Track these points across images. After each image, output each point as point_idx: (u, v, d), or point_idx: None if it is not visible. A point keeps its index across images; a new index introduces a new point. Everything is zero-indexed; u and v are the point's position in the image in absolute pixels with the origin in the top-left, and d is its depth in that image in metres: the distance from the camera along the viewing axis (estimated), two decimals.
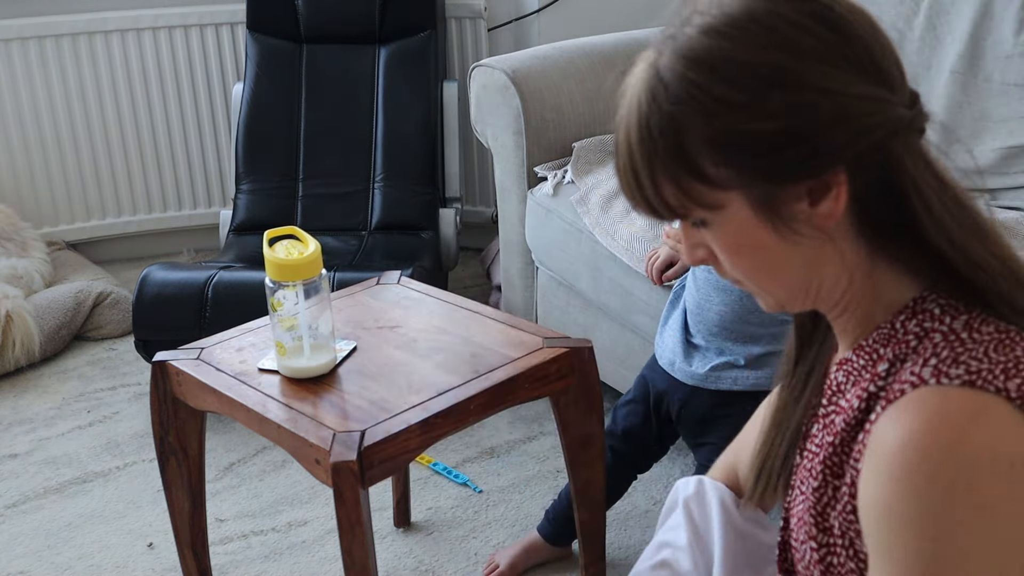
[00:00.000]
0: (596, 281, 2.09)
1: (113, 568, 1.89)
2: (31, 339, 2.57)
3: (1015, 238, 1.73)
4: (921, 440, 0.69)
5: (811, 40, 0.72)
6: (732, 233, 0.78)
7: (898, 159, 0.75)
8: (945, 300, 0.77)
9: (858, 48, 0.74)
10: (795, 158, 0.73)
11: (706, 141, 0.74)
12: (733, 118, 0.72)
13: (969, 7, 2.01)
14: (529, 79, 2.24)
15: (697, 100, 0.73)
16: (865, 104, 0.73)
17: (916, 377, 0.73)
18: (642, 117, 0.75)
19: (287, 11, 2.90)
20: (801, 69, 0.72)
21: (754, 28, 0.72)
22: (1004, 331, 0.75)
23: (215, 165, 3.24)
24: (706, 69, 0.73)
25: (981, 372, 0.72)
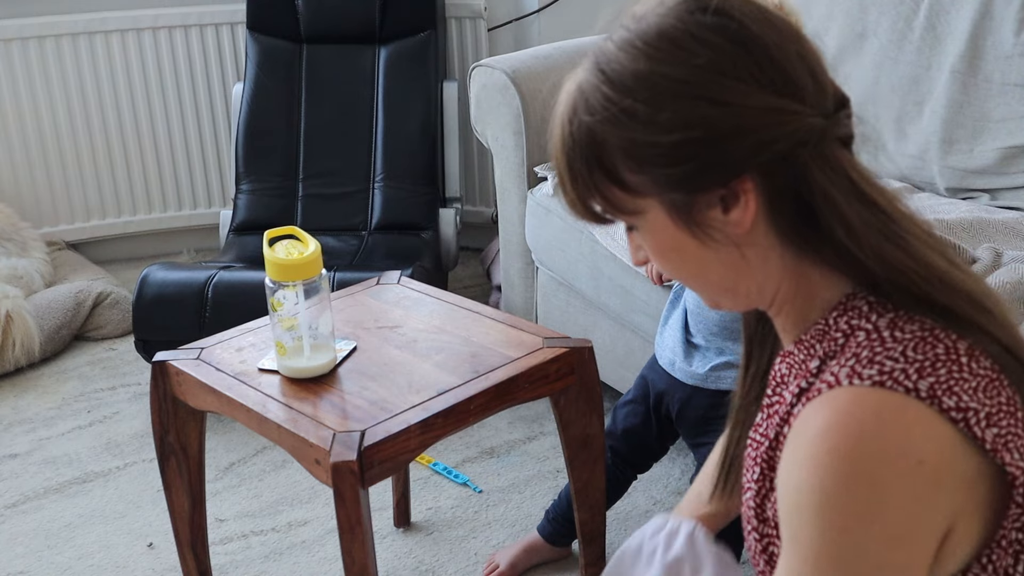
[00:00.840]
0: (596, 281, 2.09)
1: (113, 568, 1.89)
2: (31, 339, 2.57)
3: (1015, 238, 1.73)
4: (829, 435, 0.72)
5: (709, 53, 0.75)
6: (656, 236, 0.82)
7: (805, 168, 0.76)
8: (875, 297, 0.79)
9: (762, 60, 0.76)
10: (697, 168, 0.76)
11: (620, 151, 0.78)
12: (638, 130, 0.76)
13: (969, 7, 2.01)
14: (529, 79, 2.24)
15: (609, 112, 0.77)
16: (766, 116, 0.75)
17: (833, 377, 0.76)
18: (564, 129, 0.80)
19: (287, 11, 2.90)
20: (697, 82, 0.75)
21: (661, 43, 0.76)
22: (928, 329, 0.76)
23: (215, 165, 3.24)
24: (616, 83, 0.77)
25: (893, 372, 0.74)
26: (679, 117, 0.75)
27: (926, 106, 2.06)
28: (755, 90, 0.75)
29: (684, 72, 0.75)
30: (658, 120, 0.76)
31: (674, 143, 0.76)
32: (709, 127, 0.75)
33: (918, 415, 0.72)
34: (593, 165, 0.80)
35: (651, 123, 0.76)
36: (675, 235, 0.80)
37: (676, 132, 0.75)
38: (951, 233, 1.69)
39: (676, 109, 0.75)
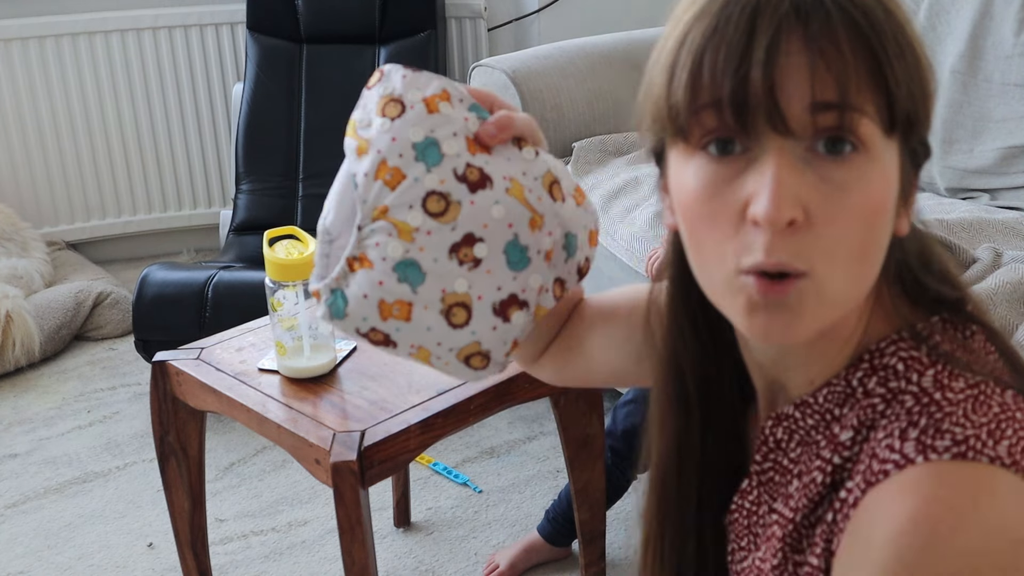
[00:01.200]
0: (596, 281, 2.09)
1: (113, 568, 1.89)
2: (31, 339, 2.57)
3: (1015, 238, 1.73)
4: (920, 529, 0.60)
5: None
6: (875, 186, 0.62)
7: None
8: (906, 352, 0.68)
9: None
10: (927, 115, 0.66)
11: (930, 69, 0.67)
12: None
13: (969, 7, 2.01)
14: (529, 79, 2.24)
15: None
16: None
17: (899, 455, 0.64)
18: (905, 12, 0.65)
19: (287, 11, 2.90)
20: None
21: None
22: (973, 385, 0.66)
23: (215, 165, 3.24)
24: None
25: (968, 440, 0.63)
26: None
27: None
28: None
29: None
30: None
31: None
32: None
33: (1009, 486, 0.62)
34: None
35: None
36: (892, 193, 0.64)
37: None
38: (951, 233, 1.69)
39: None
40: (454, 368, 0.79)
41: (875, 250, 0.64)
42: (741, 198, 0.62)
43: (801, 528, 0.71)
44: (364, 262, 0.75)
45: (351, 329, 0.76)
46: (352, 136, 0.78)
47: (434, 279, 0.74)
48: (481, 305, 0.76)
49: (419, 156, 0.74)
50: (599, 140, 2.27)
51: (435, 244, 0.74)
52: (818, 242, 0.61)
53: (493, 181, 0.76)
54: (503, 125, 0.79)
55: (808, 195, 0.61)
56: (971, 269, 1.59)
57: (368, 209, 0.75)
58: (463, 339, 0.77)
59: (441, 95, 0.78)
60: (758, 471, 0.76)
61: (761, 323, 0.64)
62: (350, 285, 0.75)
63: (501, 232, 0.75)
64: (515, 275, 0.76)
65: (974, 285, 1.54)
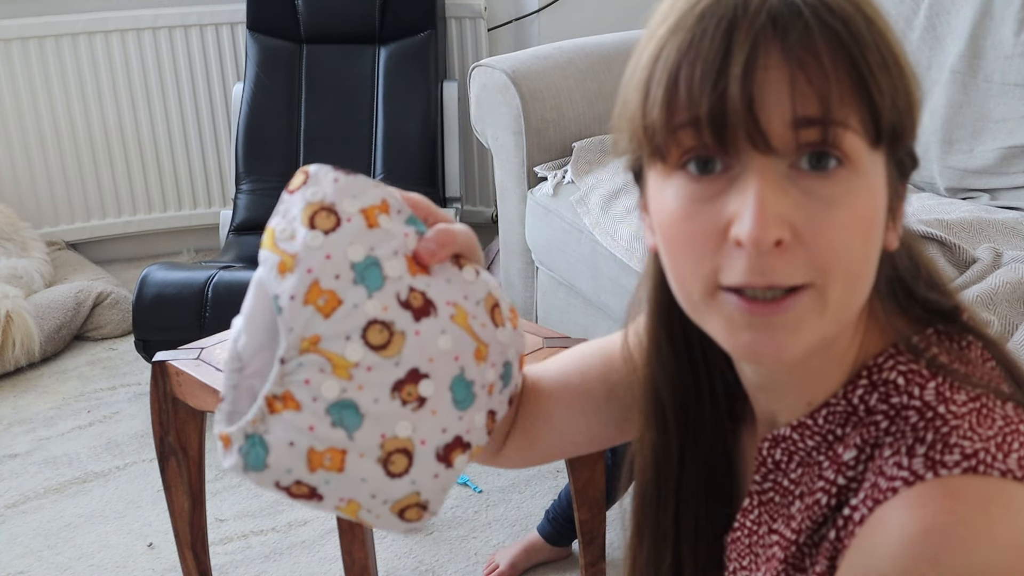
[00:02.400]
0: (596, 281, 2.09)
1: (113, 568, 1.89)
2: (31, 339, 2.57)
3: (1015, 238, 1.73)
4: (930, 541, 0.58)
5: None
6: (863, 200, 0.61)
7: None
8: (905, 365, 0.66)
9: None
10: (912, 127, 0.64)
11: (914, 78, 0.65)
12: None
13: (969, 7, 2.01)
14: (529, 79, 2.24)
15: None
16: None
17: (908, 472, 0.62)
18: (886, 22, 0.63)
19: (287, 11, 2.90)
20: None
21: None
22: (975, 398, 0.65)
23: (215, 165, 3.24)
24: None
25: (978, 454, 0.61)
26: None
27: (926, 106, 2.06)
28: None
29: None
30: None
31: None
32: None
33: (1021, 499, 0.60)
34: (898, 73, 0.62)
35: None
36: (881, 206, 0.62)
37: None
38: (951, 233, 1.69)
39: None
40: (385, 521, 0.69)
41: (868, 263, 0.63)
42: (723, 218, 0.60)
43: (803, 548, 0.69)
44: (289, 402, 0.64)
45: (269, 483, 0.65)
46: (271, 249, 0.67)
47: (373, 422, 0.64)
48: (424, 451, 0.66)
49: (358, 278, 0.64)
50: (599, 140, 2.27)
51: (376, 382, 0.64)
52: (810, 257, 0.59)
53: (437, 307, 0.66)
54: (444, 242, 0.69)
55: (793, 213, 0.58)
56: (971, 269, 1.59)
57: (295, 339, 0.63)
58: (401, 490, 0.67)
59: (380, 206, 0.67)
60: (758, 491, 0.74)
61: (747, 342, 0.62)
62: (271, 430, 0.64)
63: (447, 366, 0.66)
64: (461, 414, 0.67)
65: (974, 285, 1.54)
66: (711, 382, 0.75)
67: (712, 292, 0.61)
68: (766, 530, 0.74)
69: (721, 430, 0.77)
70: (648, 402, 0.76)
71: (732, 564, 0.78)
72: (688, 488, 0.78)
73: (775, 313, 0.60)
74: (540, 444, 0.89)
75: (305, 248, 0.65)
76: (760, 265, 0.58)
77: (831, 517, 0.67)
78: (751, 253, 0.58)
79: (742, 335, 0.61)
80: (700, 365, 0.75)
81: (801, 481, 0.71)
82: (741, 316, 0.61)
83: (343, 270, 0.64)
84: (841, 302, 0.61)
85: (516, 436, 0.89)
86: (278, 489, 0.66)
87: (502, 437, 0.89)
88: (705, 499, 0.78)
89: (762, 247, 0.58)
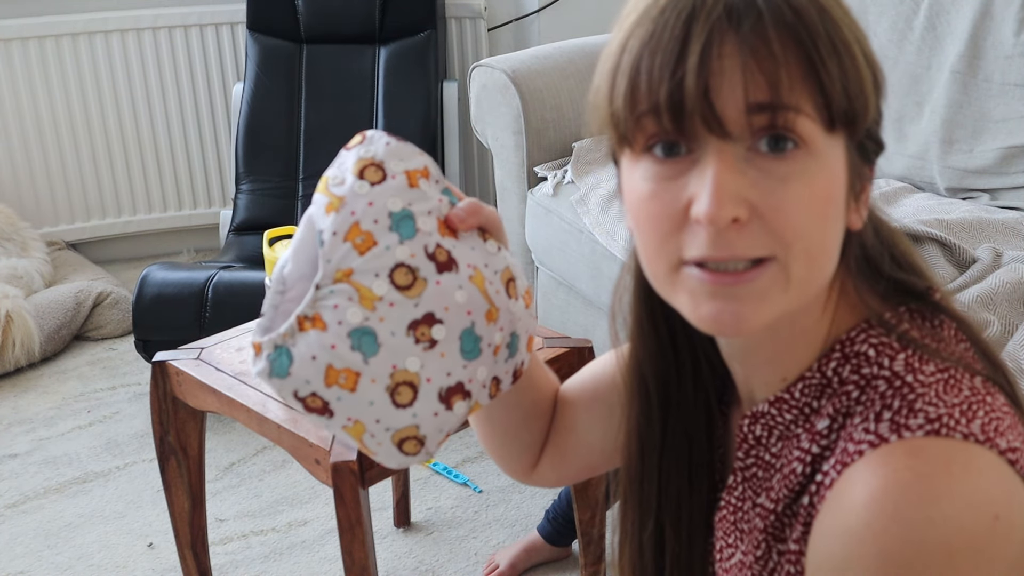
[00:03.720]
0: (596, 281, 2.09)
1: (113, 568, 1.89)
2: (31, 339, 2.57)
3: (1015, 238, 1.73)
4: (890, 497, 0.60)
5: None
6: (820, 180, 0.63)
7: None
8: (876, 338, 0.69)
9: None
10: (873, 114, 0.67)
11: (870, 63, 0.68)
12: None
13: (969, 7, 2.01)
14: (529, 79, 2.24)
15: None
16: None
17: (874, 435, 0.64)
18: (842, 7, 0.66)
19: (287, 11, 2.90)
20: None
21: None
22: (944, 369, 0.67)
23: (215, 165, 3.24)
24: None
25: (941, 418, 0.63)
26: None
27: (926, 106, 2.06)
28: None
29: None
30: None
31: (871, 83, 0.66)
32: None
33: (984, 461, 0.62)
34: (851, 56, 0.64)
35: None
36: (839, 186, 0.65)
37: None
38: (951, 233, 1.69)
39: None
40: (384, 450, 0.74)
41: (828, 240, 0.65)
42: (684, 198, 0.63)
43: (783, 517, 0.72)
44: (317, 323, 0.71)
45: (288, 391, 0.72)
46: (323, 192, 0.75)
47: (387, 353, 0.71)
48: (428, 388, 0.73)
49: (394, 226, 0.73)
50: (599, 140, 2.27)
51: (396, 317, 0.71)
52: (770, 231, 0.62)
53: (459, 266, 0.74)
54: (473, 211, 0.78)
55: (750, 192, 0.62)
56: (971, 269, 1.59)
57: (331, 269, 0.71)
58: (403, 420, 0.73)
59: (422, 171, 0.76)
60: (741, 467, 0.77)
61: (709, 314, 0.64)
62: (297, 344, 0.71)
63: (460, 318, 0.73)
64: (465, 364, 0.74)
65: (974, 285, 1.54)
66: (693, 360, 0.79)
67: (676, 268, 0.65)
68: (750, 505, 0.76)
69: (704, 408, 0.80)
70: (632, 378, 0.80)
71: (719, 543, 0.80)
72: (670, 463, 0.80)
73: (738, 283, 0.63)
74: (570, 456, 0.92)
75: (352, 194, 0.73)
76: (720, 240, 0.62)
77: (806, 484, 0.70)
78: (710, 230, 0.62)
79: (704, 306, 0.64)
80: (681, 344, 0.78)
81: (781, 454, 0.73)
82: (703, 287, 0.64)
83: (382, 217, 0.72)
84: (804, 277, 0.64)
85: (549, 450, 0.93)
86: (296, 399, 0.72)
87: (536, 453, 0.93)
88: (688, 476, 0.81)
89: (719, 224, 0.61)
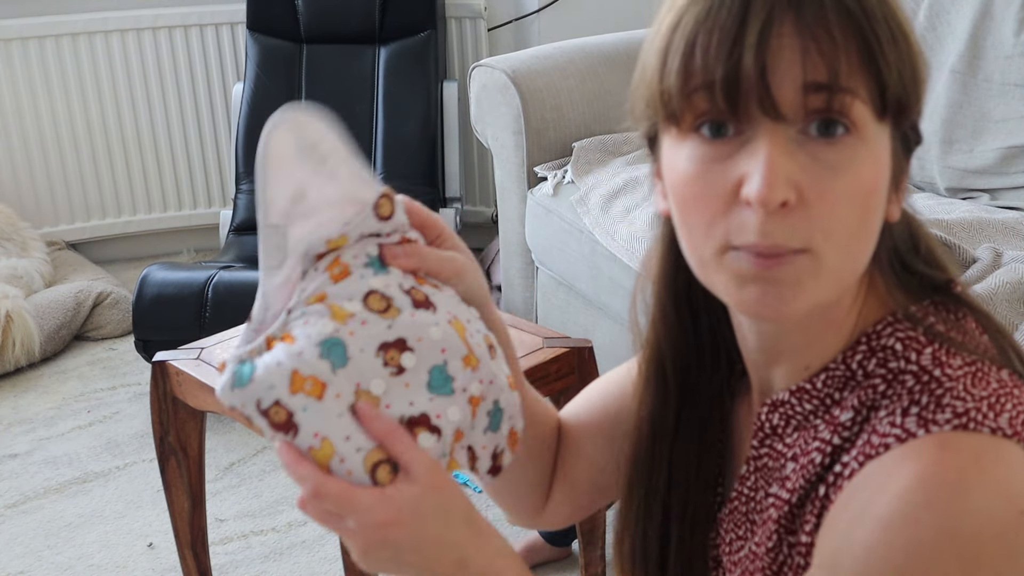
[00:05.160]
0: (596, 281, 2.09)
1: (113, 568, 1.89)
2: (31, 339, 2.57)
3: (1015, 238, 1.73)
4: (924, 487, 0.61)
5: None
6: (867, 169, 0.63)
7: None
8: (903, 332, 0.69)
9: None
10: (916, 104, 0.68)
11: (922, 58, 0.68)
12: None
13: (969, 7, 2.01)
14: (529, 79, 2.24)
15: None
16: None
17: (900, 429, 0.64)
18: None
19: (287, 11, 2.90)
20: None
21: None
22: (971, 363, 0.67)
23: (215, 165, 3.24)
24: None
25: (970, 412, 0.63)
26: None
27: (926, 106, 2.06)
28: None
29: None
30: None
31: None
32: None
33: (1012, 456, 0.62)
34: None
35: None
36: (884, 176, 0.65)
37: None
38: (951, 233, 1.69)
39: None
40: (356, 478, 0.68)
41: (868, 230, 0.65)
42: (733, 178, 0.62)
43: (796, 508, 0.71)
44: (286, 339, 0.69)
45: (251, 402, 0.67)
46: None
47: (354, 368, 0.68)
48: (387, 414, 0.69)
49: (370, 263, 0.72)
50: (599, 140, 2.27)
51: (367, 335, 0.69)
52: (812, 220, 0.62)
53: (437, 308, 0.72)
54: (409, 252, 0.74)
55: (800, 176, 0.61)
56: (971, 269, 1.59)
57: (305, 296, 0.70)
58: (370, 441, 0.69)
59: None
60: (754, 457, 0.76)
61: (753, 296, 0.64)
62: (263, 357, 0.68)
63: (432, 352, 0.70)
64: (432, 396, 0.70)
65: (974, 285, 1.54)
66: (713, 348, 0.78)
67: (723, 251, 0.64)
68: (763, 495, 0.76)
69: (718, 399, 0.79)
70: (651, 364, 0.79)
71: (729, 535, 0.79)
72: (681, 449, 0.80)
73: (777, 265, 0.63)
74: (582, 483, 0.90)
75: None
76: (766, 227, 0.61)
77: (823, 475, 0.69)
78: (759, 213, 0.61)
79: (749, 288, 0.64)
80: (703, 330, 0.78)
81: (795, 445, 0.73)
82: (750, 269, 0.63)
83: (360, 255, 0.72)
84: (837, 266, 0.64)
85: (558, 484, 0.91)
86: (259, 412, 0.68)
87: (544, 491, 0.91)
88: (697, 464, 0.80)
89: (770, 207, 0.60)
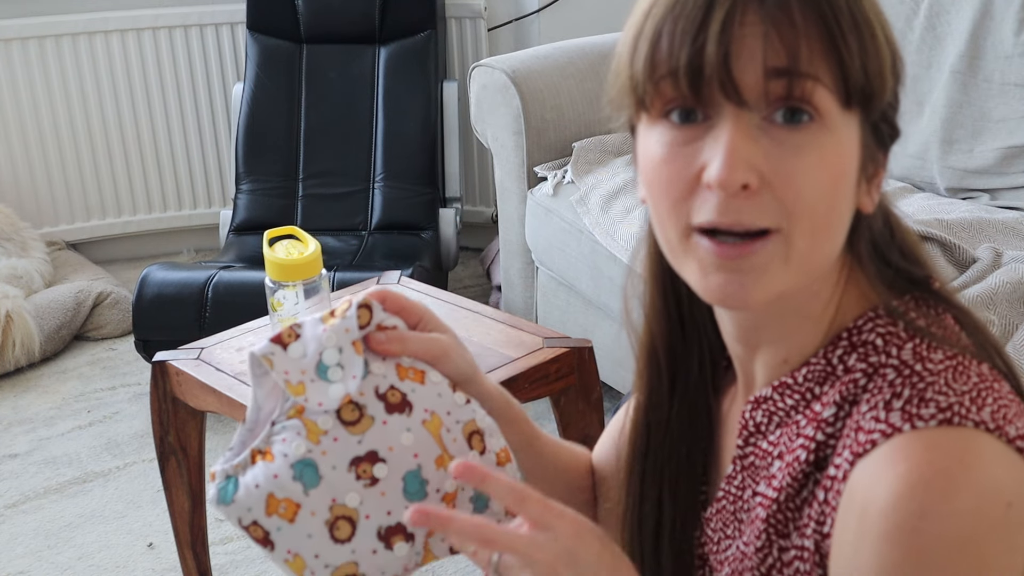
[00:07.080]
0: (596, 281, 2.09)
1: (113, 568, 1.89)
2: (31, 339, 2.57)
3: (1015, 238, 1.73)
4: (915, 494, 0.62)
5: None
6: (834, 155, 0.64)
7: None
8: (884, 327, 0.70)
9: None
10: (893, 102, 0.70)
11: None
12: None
13: (969, 7, 2.01)
14: (529, 79, 2.24)
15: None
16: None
17: (886, 424, 0.65)
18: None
19: (287, 11, 2.90)
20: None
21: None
22: (951, 356, 0.68)
23: (215, 165, 3.24)
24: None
25: (952, 407, 0.64)
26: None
27: (926, 106, 2.06)
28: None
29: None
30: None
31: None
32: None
33: (995, 450, 0.63)
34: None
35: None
36: (851, 163, 0.66)
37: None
38: (951, 233, 1.69)
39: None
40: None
41: (836, 216, 0.66)
42: (697, 163, 0.64)
43: (786, 510, 0.72)
44: (267, 455, 0.74)
45: (235, 518, 0.74)
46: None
47: (328, 486, 0.73)
48: (367, 525, 0.73)
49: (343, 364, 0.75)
50: (599, 140, 2.27)
51: (339, 452, 0.73)
52: (777, 200, 0.63)
53: (413, 409, 0.75)
54: (396, 339, 0.77)
55: (762, 160, 0.63)
56: (971, 269, 1.59)
57: (287, 407, 0.74)
58: (342, 556, 0.73)
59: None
60: (740, 456, 0.77)
61: (716, 284, 0.66)
62: (246, 475, 0.74)
63: (405, 459, 0.74)
64: (407, 505, 0.73)
65: (974, 285, 1.54)
66: (699, 338, 0.80)
67: (687, 234, 0.66)
68: (750, 494, 0.76)
69: (704, 389, 0.81)
70: (645, 352, 0.82)
71: (716, 534, 0.80)
72: (673, 440, 0.82)
73: (741, 256, 0.64)
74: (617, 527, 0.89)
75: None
76: (728, 206, 0.63)
77: (812, 476, 0.70)
78: (720, 195, 0.63)
79: (712, 277, 0.66)
80: (688, 320, 0.80)
81: (779, 442, 0.74)
82: (711, 259, 0.65)
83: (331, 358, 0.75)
84: (806, 252, 0.65)
85: (600, 523, 0.91)
86: (240, 527, 0.74)
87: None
88: (687, 461, 0.82)
89: (730, 189, 0.62)
